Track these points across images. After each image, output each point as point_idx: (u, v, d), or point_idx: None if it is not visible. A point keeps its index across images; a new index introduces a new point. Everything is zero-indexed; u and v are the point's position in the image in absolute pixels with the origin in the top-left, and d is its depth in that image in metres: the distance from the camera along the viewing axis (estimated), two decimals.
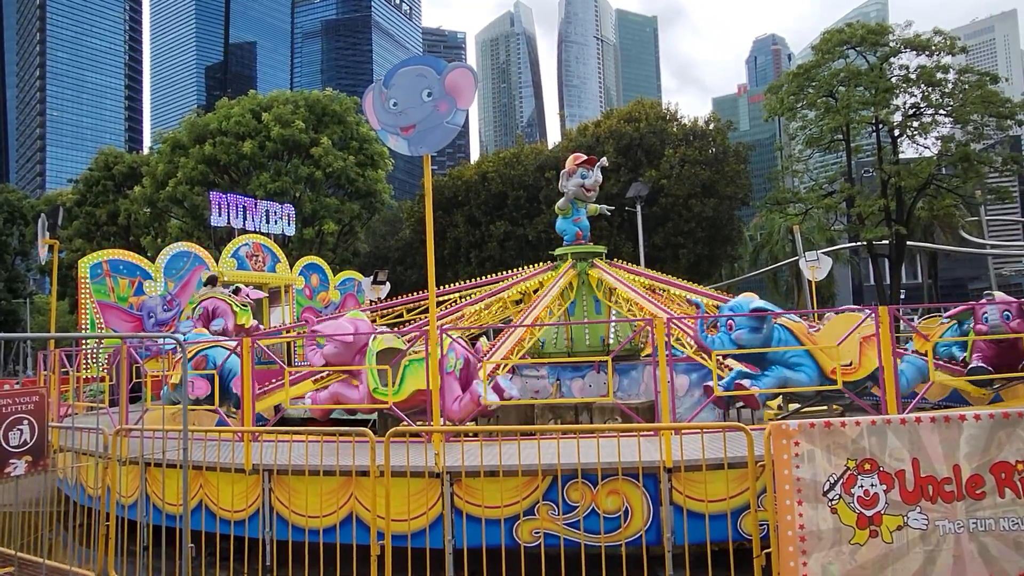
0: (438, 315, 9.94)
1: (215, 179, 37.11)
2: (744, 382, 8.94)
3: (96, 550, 7.04)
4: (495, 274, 16.40)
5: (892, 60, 33.98)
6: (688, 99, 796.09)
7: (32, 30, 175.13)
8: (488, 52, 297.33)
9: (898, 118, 33.71)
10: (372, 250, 46.93)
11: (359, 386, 9.30)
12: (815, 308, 28.60)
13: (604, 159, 15.01)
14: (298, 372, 11.84)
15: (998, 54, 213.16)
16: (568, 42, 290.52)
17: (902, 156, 35.24)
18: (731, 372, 9.42)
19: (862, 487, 5.38)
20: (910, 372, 9.60)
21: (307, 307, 22.19)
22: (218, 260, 20.18)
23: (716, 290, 18.71)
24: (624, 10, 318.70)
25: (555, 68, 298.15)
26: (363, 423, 10.64)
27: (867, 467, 5.40)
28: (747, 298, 9.45)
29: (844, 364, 8.92)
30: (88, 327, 16.98)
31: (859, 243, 38.31)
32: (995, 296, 10.27)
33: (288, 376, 9.75)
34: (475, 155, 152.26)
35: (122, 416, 10.04)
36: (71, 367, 12.17)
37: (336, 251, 39.90)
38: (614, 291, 13.88)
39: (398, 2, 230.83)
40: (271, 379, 11.97)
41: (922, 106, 33.20)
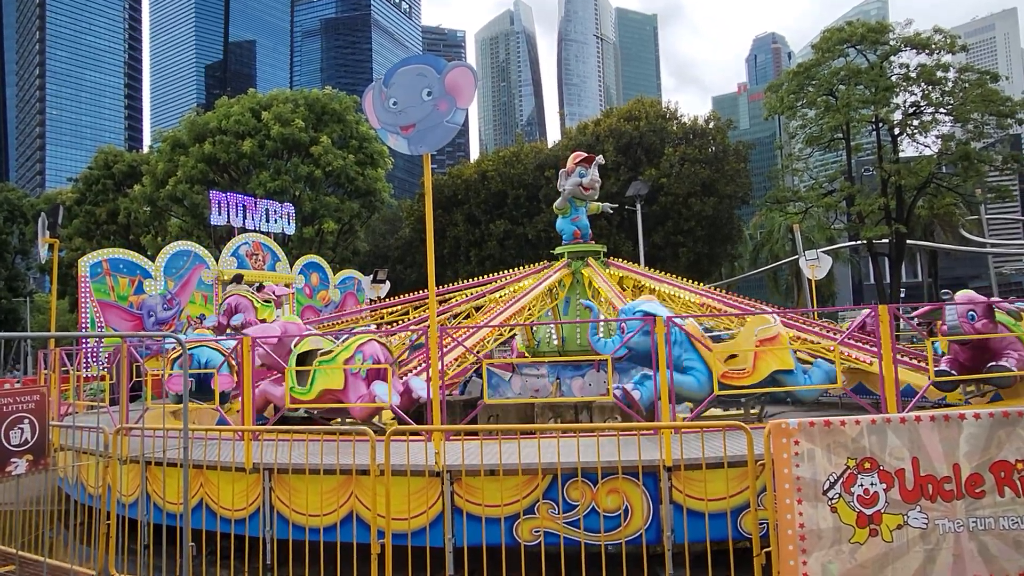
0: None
1: (215, 178, 37.09)
2: (627, 385, 8.91)
3: (97, 549, 7.05)
4: (495, 273, 16.44)
5: (892, 59, 33.92)
6: (687, 98, 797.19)
7: (32, 29, 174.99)
8: (488, 51, 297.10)
9: (898, 117, 33.65)
10: (372, 249, 46.91)
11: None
12: (815, 307, 28.62)
13: (600, 157, 15.06)
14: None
15: (998, 52, 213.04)
16: (568, 40, 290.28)
17: (902, 155, 35.19)
18: (637, 375, 9.32)
19: (862, 486, 5.38)
20: (817, 375, 9.37)
21: (307, 306, 22.21)
22: (218, 259, 20.18)
23: (716, 289, 18.69)
24: (624, 8, 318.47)
25: (555, 67, 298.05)
26: None
27: (867, 466, 5.41)
28: (644, 300, 9.45)
29: (738, 369, 8.88)
30: (88, 326, 16.99)
31: (859, 242, 38.29)
32: (954, 296, 10.14)
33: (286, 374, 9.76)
34: (475, 154, 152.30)
35: (122, 415, 10.05)
36: (71, 366, 12.18)
37: (336, 250, 39.90)
38: (599, 291, 13.89)
39: (397, 0, 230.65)
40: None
41: (922, 105, 33.14)
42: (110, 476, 7.55)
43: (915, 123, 33.45)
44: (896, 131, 33.89)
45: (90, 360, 15.76)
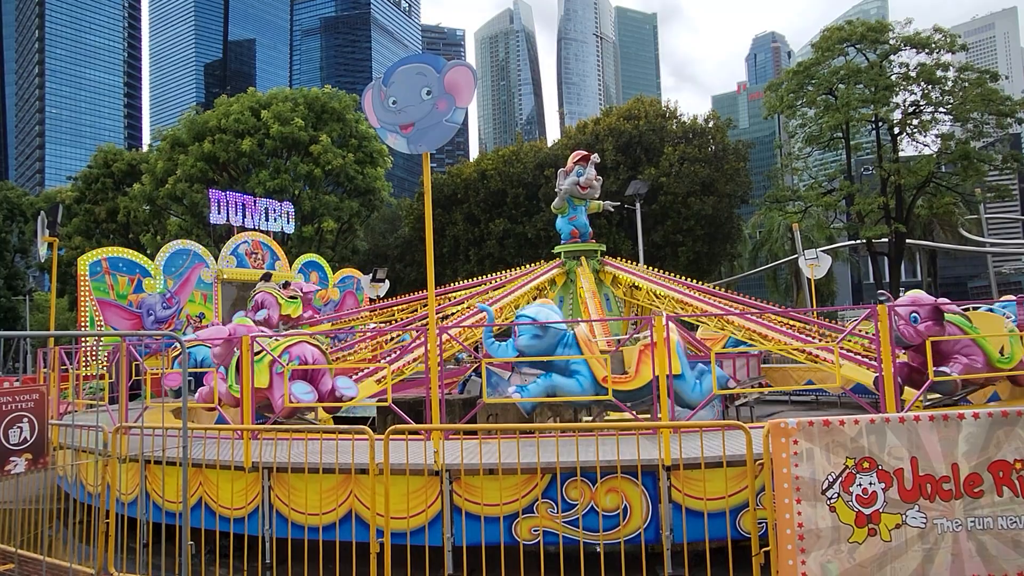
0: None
1: (214, 176, 37.08)
2: (509, 388, 8.94)
3: (96, 547, 7.05)
4: (494, 271, 16.53)
5: (892, 58, 33.95)
6: (685, 97, 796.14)
7: (31, 27, 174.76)
8: (487, 49, 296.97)
9: (898, 116, 33.68)
10: (371, 248, 46.90)
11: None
12: (814, 306, 28.62)
13: (595, 155, 15.16)
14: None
15: (998, 51, 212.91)
16: (567, 39, 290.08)
17: (902, 154, 35.22)
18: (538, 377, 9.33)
19: (861, 485, 5.38)
20: (707, 383, 9.18)
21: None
22: (217, 258, 20.16)
23: (716, 287, 18.69)
24: (623, 7, 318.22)
25: (554, 65, 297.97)
26: (362, 420, 10.67)
27: (866, 465, 5.41)
28: (540, 304, 9.48)
29: (620, 374, 8.87)
30: (88, 324, 16.98)
31: (858, 241, 38.29)
32: (894, 297, 9.95)
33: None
34: (474, 153, 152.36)
35: (122, 413, 10.06)
36: (71, 364, 12.18)
37: (335, 249, 39.90)
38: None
39: None
40: None
41: (922, 104, 33.16)
42: (109, 475, 7.55)
43: (915, 122, 33.49)
44: (896, 130, 33.91)
45: (89, 359, 15.76)
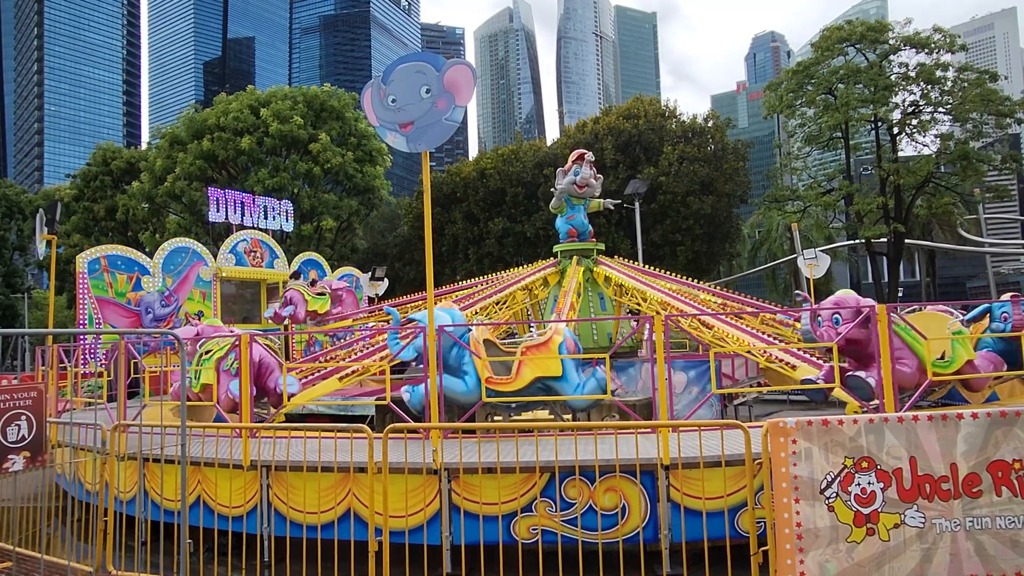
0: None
1: (213, 175, 37.04)
2: (403, 388, 9.18)
3: (94, 545, 7.05)
4: (493, 270, 16.63)
5: (891, 58, 33.97)
6: (683, 96, 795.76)
7: (30, 24, 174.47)
8: (487, 48, 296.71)
9: (897, 116, 33.70)
10: (370, 246, 46.89)
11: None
12: (812, 306, 28.62)
13: (589, 153, 15.25)
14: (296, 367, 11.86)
15: (998, 51, 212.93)
16: (567, 38, 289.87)
17: (901, 154, 35.25)
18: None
19: (859, 485, 5.39)
20: (590, 385, 9.19)
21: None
22: (216, 256, 20.15)
23: (715, 287, 18.71)
24: (623, 6, 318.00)
25: (554, 64, 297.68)
26: (361, 419, 10.66)
27: (864, 465, 5.42)
28: (440, 308, 9.64)
29: (502, 375, 8.99)
30: (86, 322, 16.97)
31: (857, 241, 38.32)
32: (807, 297, 9.84)
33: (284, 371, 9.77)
34: (473, 151, 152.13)
35: (120, 411, 10.05)
36: (69, 362, 12.16)
37: (334, 247, 39.88)
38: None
39: None
40: None
41: (921, 104, 33.19)
42: (108, 473, 7.54)
43: (914, 122, 33.52)
44: (895, 130, 33.94)
45: (88, 356, 15.74)
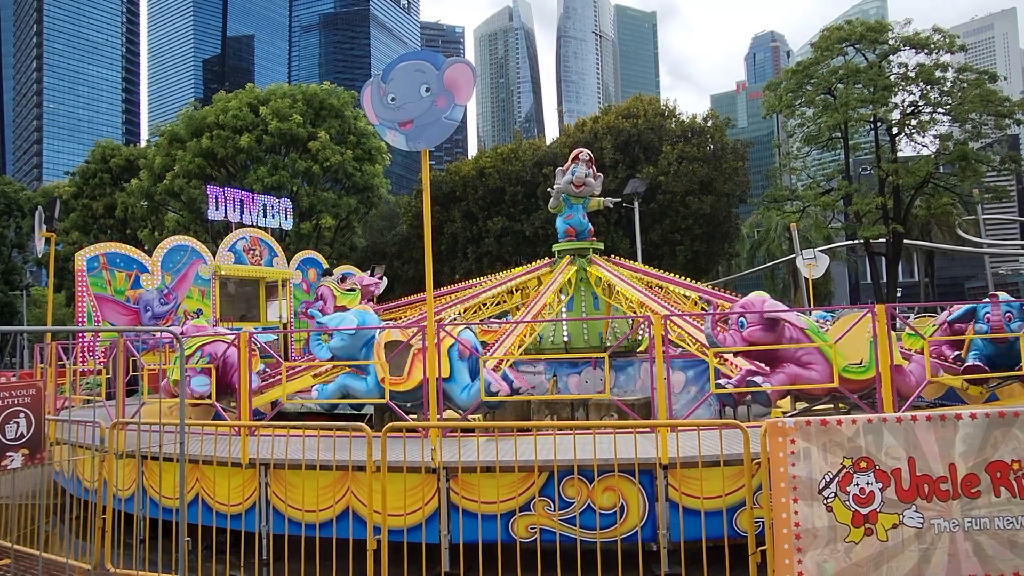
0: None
1: (212, 172, 36.98)
2: (312, 388, 9.46)
3: (92, 543, 7.04)
4: (492, 269, 16.64)
5: (891, 58, 33.99)
6: (681, 96, 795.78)
7: (29, 22, 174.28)
8: (487, 47, 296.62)
9: (896, 116, 33.73)
10: (369, 245, 46.88)
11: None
12: (811, 306, 28.65)
13: (584, 151, 15.28)
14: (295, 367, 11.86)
15: (997, 52, 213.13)
16: (566, 37, 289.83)
17: (900, 154, 35.29)
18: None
19: (858, 485, 5.39)
20: (475, 388, 9.05)
21: (305, 301, 22.15)
22: (215, 254, 20.13)
23: (714, 287, 18.72)
24: (623, 6, 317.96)
25: (553, 64, 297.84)
26: (360, 418, 10.65)
27: (863, 465, 5.42)
28: (353, 311, 9.90)
29: (396, 376, 9.08)
30: (85, 320, 16.95)
31: (856, 241, 38.35)
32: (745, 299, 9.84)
33: (285, 371, 9.76)
34: (473, 150, 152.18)
35: (119, 409, 10.04)
36: (68, 360, 12.15)
37: (333, 245, 39.83)
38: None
39: None
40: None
41: (920, 104, 33.21)
42: (106, 470, 7.54)
43: (913, 123, 33.54)
44: (894, 130, 33.96)
45: (86, 354, 15.73)
